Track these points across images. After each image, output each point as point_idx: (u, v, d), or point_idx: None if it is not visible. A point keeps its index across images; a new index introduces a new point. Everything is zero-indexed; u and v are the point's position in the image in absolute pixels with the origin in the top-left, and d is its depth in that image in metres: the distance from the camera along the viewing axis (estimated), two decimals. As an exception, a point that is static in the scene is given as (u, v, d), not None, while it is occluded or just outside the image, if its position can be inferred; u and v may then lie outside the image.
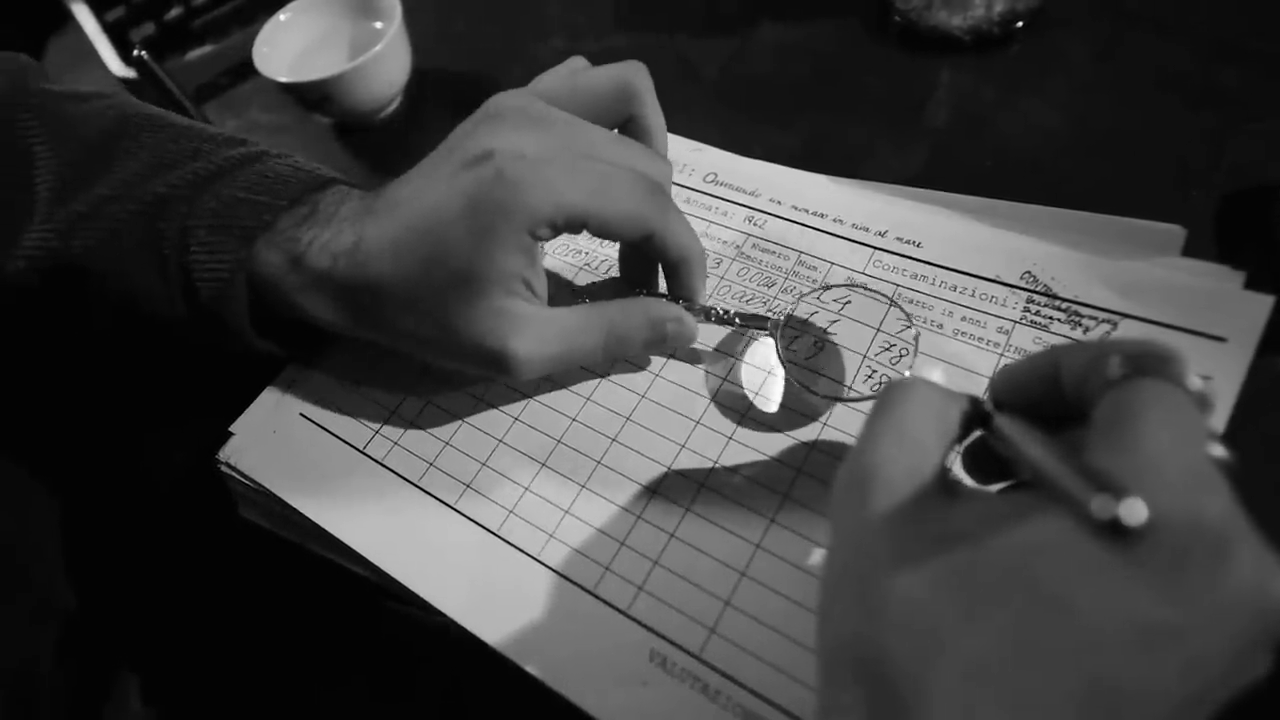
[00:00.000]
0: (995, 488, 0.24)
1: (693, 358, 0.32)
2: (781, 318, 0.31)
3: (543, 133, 0.27)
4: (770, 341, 0.31)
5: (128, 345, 0.36)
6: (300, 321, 0.30)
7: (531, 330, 0.27)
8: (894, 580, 0.17)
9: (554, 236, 0.27)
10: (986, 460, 0.23)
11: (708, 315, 0.31)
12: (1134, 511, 0.15)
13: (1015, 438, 0.20)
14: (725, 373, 0.31)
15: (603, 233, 0.27)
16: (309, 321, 0.30)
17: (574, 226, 0.27)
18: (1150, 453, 0.16)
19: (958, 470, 0.25)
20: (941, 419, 0.21)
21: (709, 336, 0.32)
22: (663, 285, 0.32)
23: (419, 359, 0.31)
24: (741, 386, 0.31)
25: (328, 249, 0.28)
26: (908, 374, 0.30)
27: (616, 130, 0.31)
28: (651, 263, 0.32)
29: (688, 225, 0.29)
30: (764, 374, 0.31)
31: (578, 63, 0.31)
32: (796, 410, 0.30)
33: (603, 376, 0.32)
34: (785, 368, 0.30)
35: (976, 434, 0.23)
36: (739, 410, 0.30)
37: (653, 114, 0.31)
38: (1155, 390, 0.18)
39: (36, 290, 0.30)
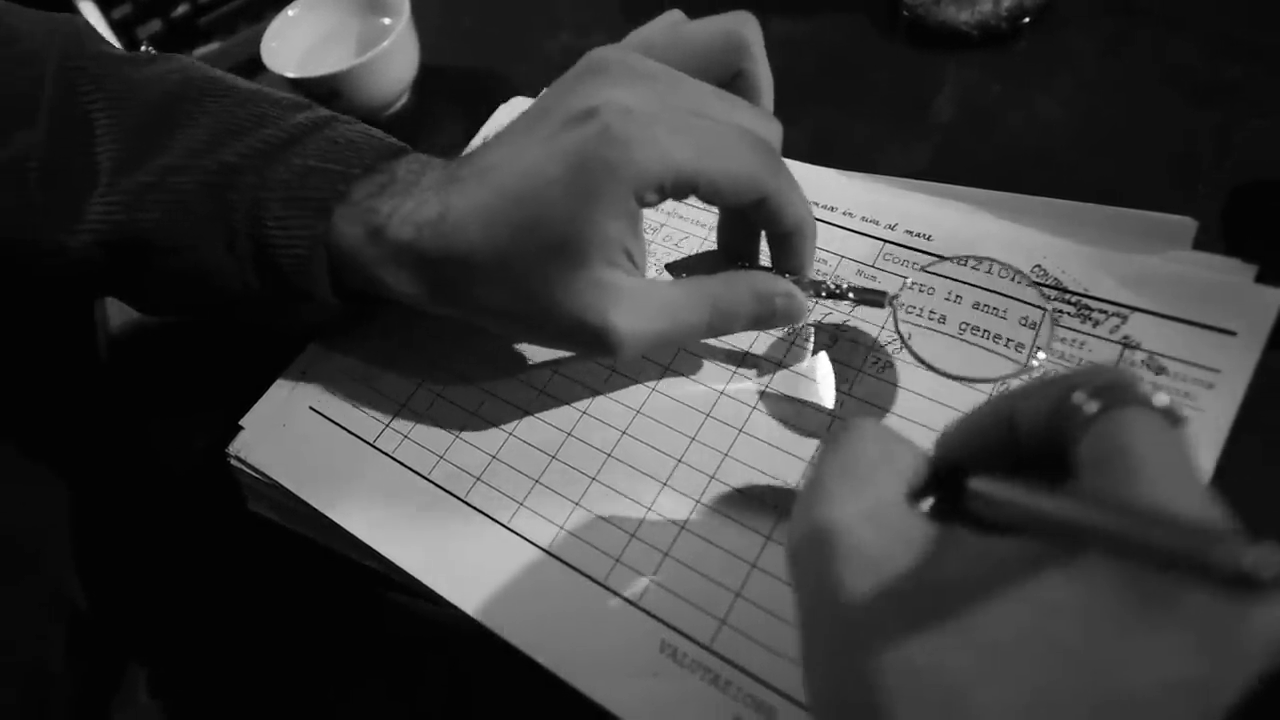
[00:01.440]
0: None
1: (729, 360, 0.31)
2: (900, 292, 0.29)
3: (649, 88, 0.25)
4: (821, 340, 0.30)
5: (146, 330, 0.35)
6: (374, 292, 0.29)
7: (634, 304, 0.25)
8: (889, 651, 0.16)
9: (660, 201, 0.25)
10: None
11: (817, 290, 0.28)
12: (1269, 563, 0.13)
13: (1016, 497, 0.18)
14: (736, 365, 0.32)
15: (713, 196, 0.25)
16: (386, 295, 0.28)
17: (683, 189, 0.24)
18: (1157, 489, 0.16)
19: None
20: (893, 458, 0.20)
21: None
22: (764, 258, 0.30)
23: (505, 337, 0.29)
24: (814, 380, 0.30)
25: (410, 220, 0.26)
26: (1039, 358, 0.28)
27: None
28: (753, 232, 0.30)
29: (800, 190, 0.27)
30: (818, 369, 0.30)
31: (676, 15, 0.29)
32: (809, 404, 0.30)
33: (611, 370, 0.32)
34: (906, 346, 0.29)
35: (934, 499, 0.21)
36: (748, 404, 0.31)
37: (762, 69, 0.29)
38: (1138, 420, 0.17)
39: (102, 264, 0.29)
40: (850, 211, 0.35)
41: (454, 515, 0.30)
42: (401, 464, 0.32)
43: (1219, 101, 0.36)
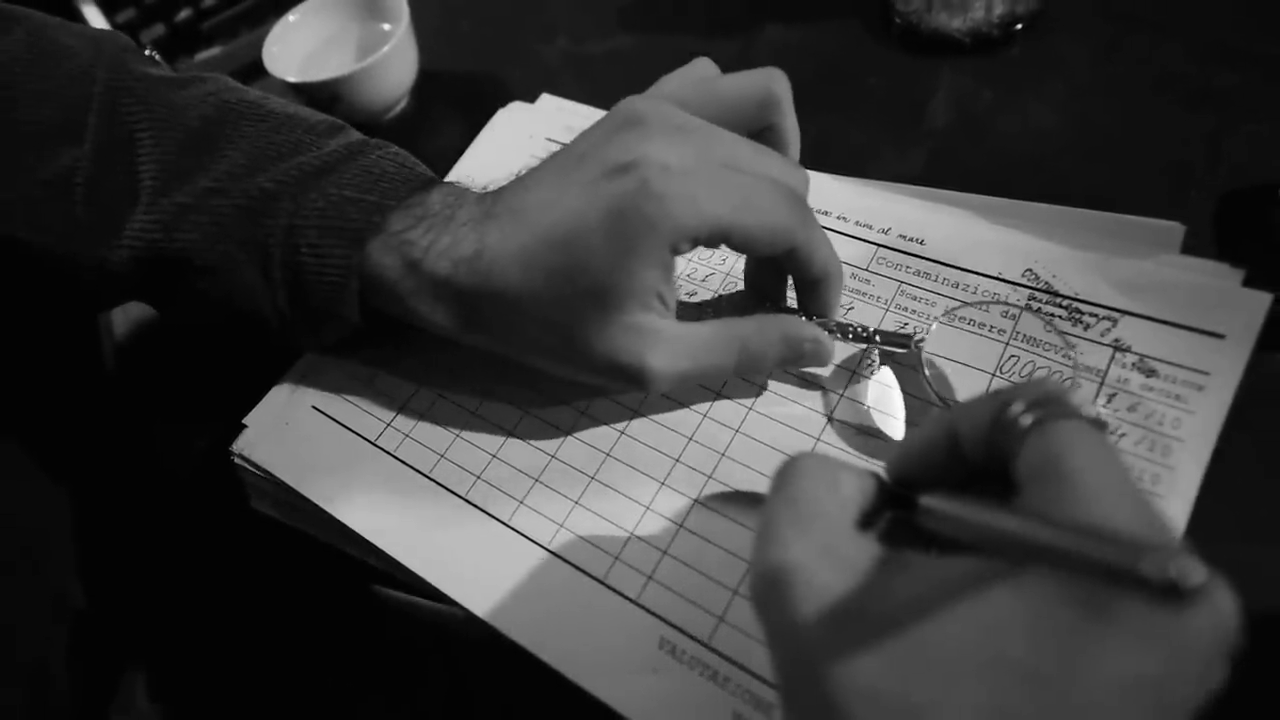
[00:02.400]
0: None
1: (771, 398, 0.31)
2: (925, 337, 0.30)
3: (684, 142, 0.26)
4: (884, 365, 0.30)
5: (149, 333, 0.36)
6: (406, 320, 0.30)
7: (666, 345, 0.27)
8: (846, 674, 0.16)
9: (693, 249, 0.26)
10: (901, 542, 0.22)
11: (844, 333, 0.30)
12: (1193, 571, 0.14)
13: (964, 514, 0.19)
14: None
15: (745, 247, 0.26)
16: (419, 324, 0.29)
17: (716, 240, 0.26)
18: (1093, 499, 0.16)
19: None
20: (836, 488, 0.20)
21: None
22: (790, 299, 0.31)
23: (534, 366, 0.30)
24: (859, 415, 0.30)
25: (447, 255, 0.27)
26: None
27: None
28: (782, 276, 0.31)
29: (827, 239, 0.28)
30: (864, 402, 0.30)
31: (706, 66, 0.30)
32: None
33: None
34: (929, 391, 0.29)
35: (887, 517, 0.22)
36: (745, 404, 0.31)
37: (790, 123, 0.30)
38: (1073, 431, 0.18)
39: (138, 280, 0.30)
40: (844, 216, 0.35)
41: (455, 513, 0.30)
42: (403, 462, 0.32)
43: (1210, 107, 0.36)
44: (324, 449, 0.33)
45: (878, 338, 0.30)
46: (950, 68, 0.41)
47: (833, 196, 0.36)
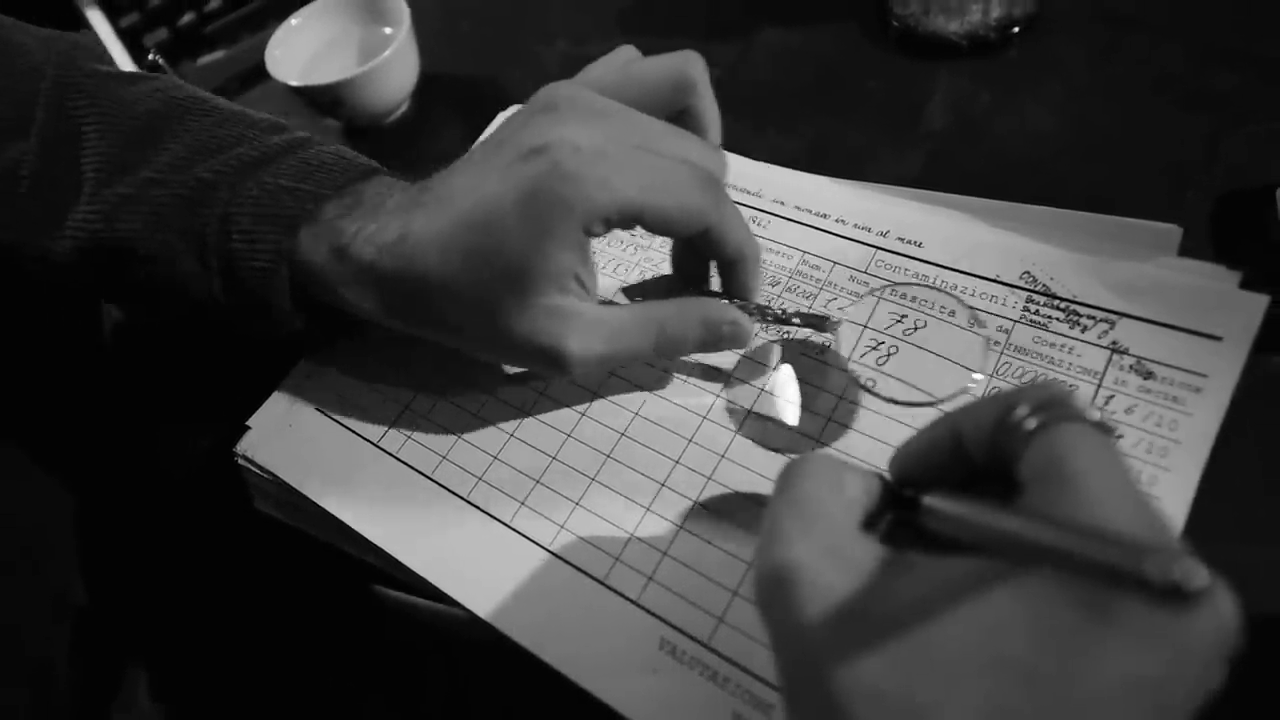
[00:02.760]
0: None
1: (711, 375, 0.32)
2: (841, 319, 0.31)
3: (598, 124, 0.26)
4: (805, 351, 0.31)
5: (152, 333, 0.36)
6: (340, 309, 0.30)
7: (584, 328, 0.27)
8: (850, 674, 0.16)
9: (607, 231, 0.26)
10: (904, 542, 0.22)
11: (764, 315, 0.30)
12: (1196, 574, 0.14)
13: (966, 514, 0.19)
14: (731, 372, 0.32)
15: (658, 228, 0.27)
16: (349, 311, 0.30)
17: (629, 221, 0.26)
18: (1096, 502, 0.17)
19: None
20: (840, 489, 0.21)
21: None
22: (716, 283, 0.31)
23: (463, 353, 0.30)
24: (774, 397, 0.31)
25: (373, 241, 0.28)
26: (975, 381, 0.29)
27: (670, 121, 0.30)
28: (704, 259, 0.32)
29: (743, 221, 0.28)
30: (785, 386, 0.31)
31: (629, 52, 0.30)
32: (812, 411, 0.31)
33: (611, 372, 0.33)
34: (850, 369, 0.30)
35: (890, 517, 0.22)
36: (744, 407, 0.31)
37: (708, 105, 0.30)
38: (1075, 435, 0.18)
39: (81, 270, 0.31)
40: (843, 219, 0.35)
41: (456, 514, 0.31)
42: (405, 464, 0.32)
43: (1207, 109, 0.36)
44: (327, 451, 0.33)
45: (796, 319, 0.30)
46: (947, 70, 0.41)
47: (832, 200, 0.36)
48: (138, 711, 0.34)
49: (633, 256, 0.37)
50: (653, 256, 0.36)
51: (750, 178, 0.38)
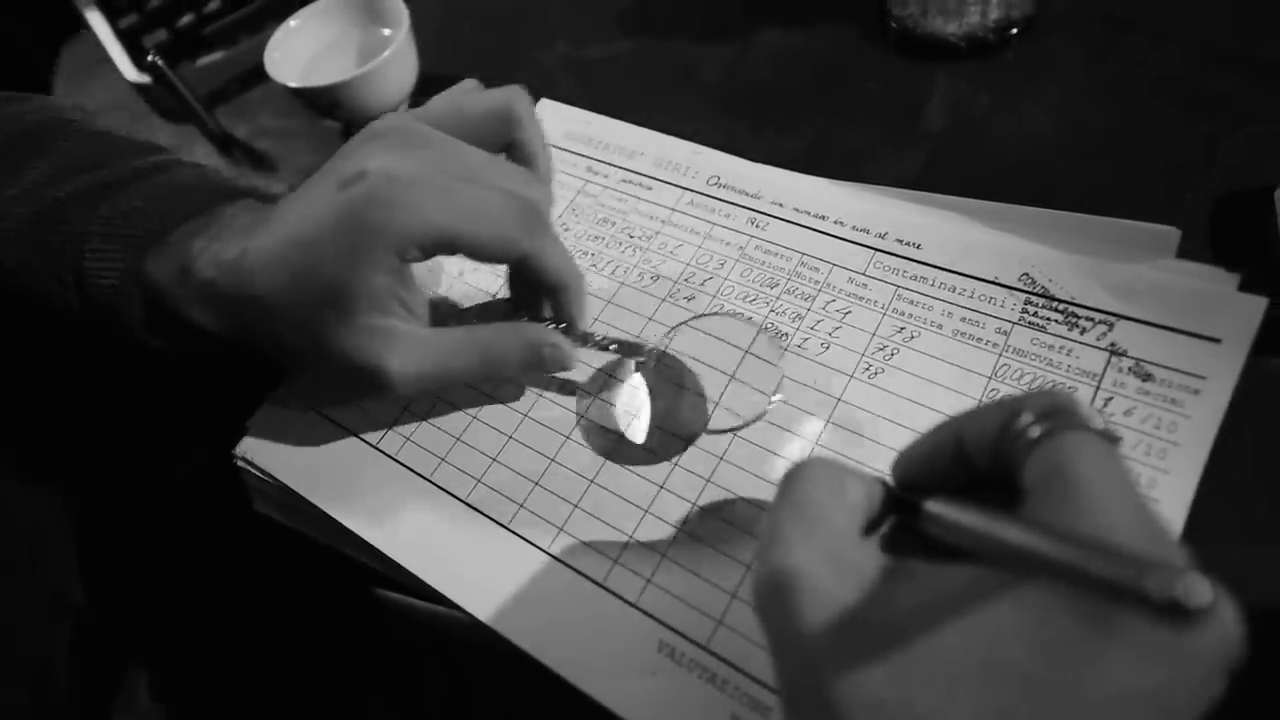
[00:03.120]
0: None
1: (566, 387, 0.33)
2: (658, 348, 0.32)
3: (417, 154, 0.28)
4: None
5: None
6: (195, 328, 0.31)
7: (403, 348, 0.28)
8: (850, 683, 0.16)
9: (425, 258, 0.28)
10: (905, 546, 0.22)
11: (585, 341, 0.32)
12: (1198, 591, 0.14)
13: (968, 521, 0.19)
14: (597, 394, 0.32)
15: (473, 254, 0.28)
16: (194, 329, 0.30)
17: (443, 248, 0.27)
18: (1099, 512, 0.16)
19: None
20: (843, 494, 0.20)
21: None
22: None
23: (296, 369, 0.32)
24: (614, 415, 0.32)
25: (214, 260, 0.28)
26: (772, 401, 0.31)
27: (503, 155, 0.32)
28: (536, 287, 0.32)
29: (564, 251, 0.30)
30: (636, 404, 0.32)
31: (469, 84, 0.32)
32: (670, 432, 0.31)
33: (609, 375, 0.33)
34: (652, 399, 0.31)
35: (891, 520, 0.22)
36: (741, 414, 0.31)
37: (534, 138, 0.31)
38: (1080, 444, 0.18)
39: None
40: (841, 220, 0.35)
41: (455, 516, 0.31)
42: (404, 465, 0.32)
43: (1205, 111, 0.36)
44: (325, 453, 0.33)
45: (614, 347, 0.32)
46: (946, 72, 0.41)
47: (830, 201, 0.36)
48: (138, 711, 0.34)
49: (631, 258, 0.37)
50: (651, 259, 0.36)
51: (748, 179, 0.38)
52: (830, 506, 0.20)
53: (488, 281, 0.37)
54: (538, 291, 0.32)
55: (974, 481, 0.21)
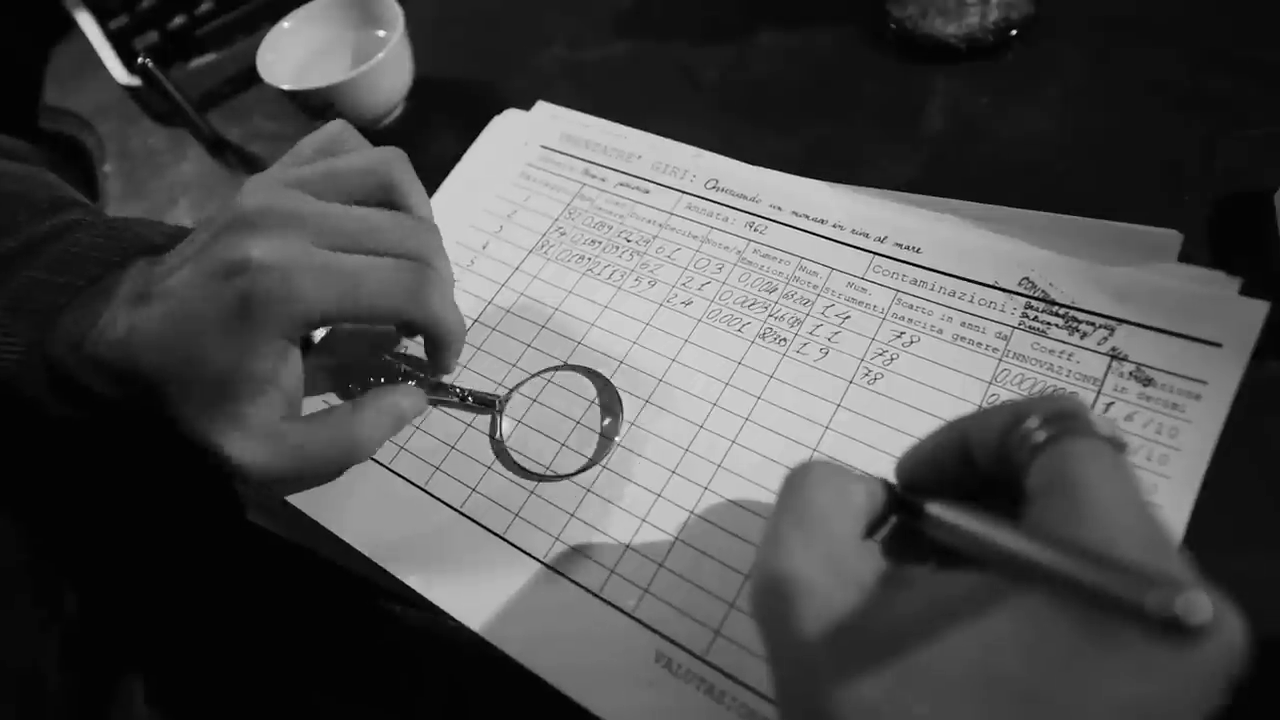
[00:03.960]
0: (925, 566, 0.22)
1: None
2: (506, 398, 0.33)
3: (293, 234, 0.27)
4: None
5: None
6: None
7: (267, 446, 0.28)
8: (846, 690, 0.16)
9: (310, 333, 0.27)
10: (907, 548, 0.23)
11: (444, 392, 0.33)
12: (1199, 608, 0.13)
13: (969, 526, 0.18)
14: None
15: (362, 323, 0.28)
16: (100, 399, 0.30)
17: (329, 324, 0.28)
18: (1103, 520, 0.16)
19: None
20: (845, 498, 0.20)
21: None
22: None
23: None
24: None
25: (104, 338, 0.28)
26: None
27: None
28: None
29: (450, 306, 0.29)
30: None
31: (338, 130, 0.31)
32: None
33: (607, 380, 0.33)
34: (503, 449, 0.32)
35: (893, 521, 0.22)
36: (740, 415, 0.31)
37: (415, 201, 0.31)
38: (1086, 449, 0.18)
39: None
40: (840, 224, 0.35)
41: (450, 526, 0.30)
42: (398, 474, 0.32)
43: (1204, 113, 0.36)
44: (318, 461, 0.33)
45: (470, 399, 0.33)
46: (945, 74, 0.41)
47: (829, 205, 0.36)
48: (134, 719, 0.34)
49: (628, 263, 0.36)
50: (648, 263, 0.36)
51: (747, 183, 0.38)
52: (831, 511, 0.20)
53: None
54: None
55: (979, 485, 0.21)
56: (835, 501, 0.20)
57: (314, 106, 0.46)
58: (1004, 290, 0.31)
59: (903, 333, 0.31)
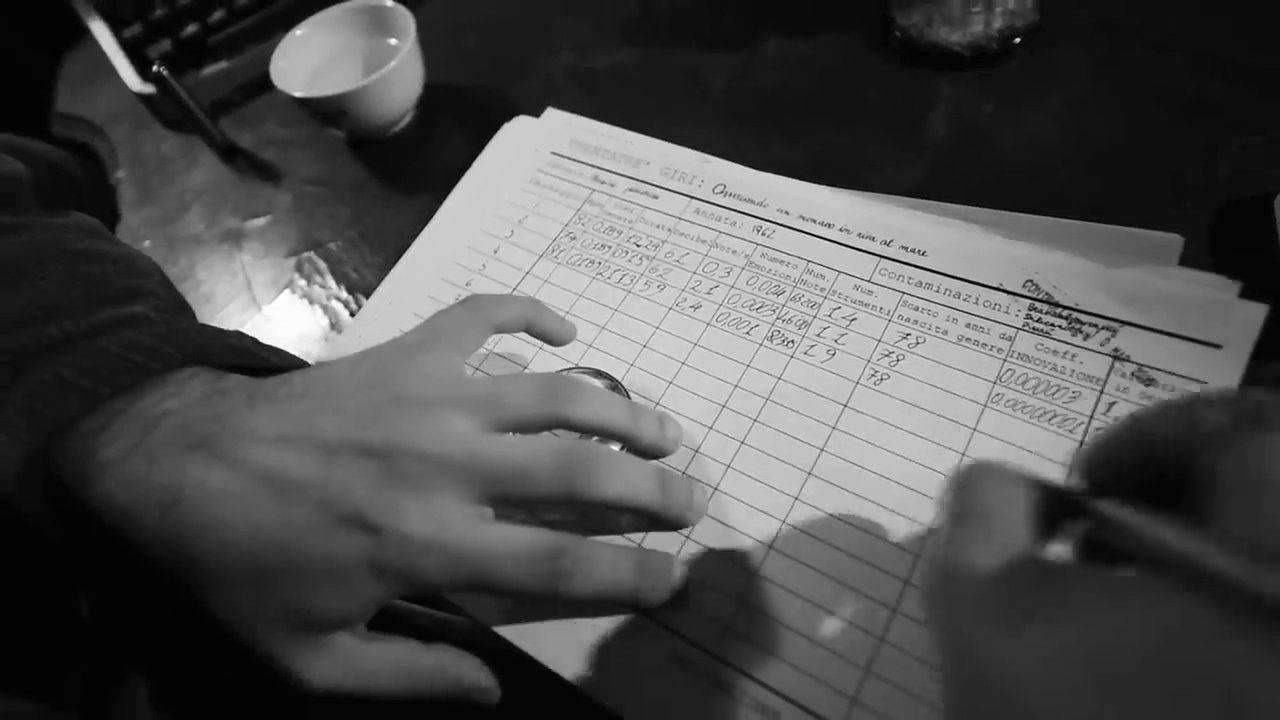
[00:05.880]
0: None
1: None
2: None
3: (436, 501, 0.24)
4: None
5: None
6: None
7: (332, 660, 0.25)
8: (1027, 695, 0.15)
9: None
10: (1083, 550, 0.21)
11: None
12: None
13: (1154, 532, 0.17)
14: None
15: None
16: (105, 530, 0.25)
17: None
18: None
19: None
20: (1017, 497, 0.20)
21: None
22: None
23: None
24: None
25: (130, 485, 0.24)
26: None
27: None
28: None
29: (622, 468, 0.26)
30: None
31: (534, 315, 0.30)
32: None
33: (618, 380, 0.33)
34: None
35: (1067, 524, 0.21)
36: (749, 416, 0.31)
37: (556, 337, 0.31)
38: None
39: None
40: (847, 228, 0.36)
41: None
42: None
43: (1206, 119, 0.37)
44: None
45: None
46: (949, 81, 0.42)
47: (835, 209, 0.36)
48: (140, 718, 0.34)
49: (638, 267, 0.37)
50: (658, 267, 0.37)
51: (754, 188, 0.38)
52: (1011, 512, 0.20)
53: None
54: None
55: (1158, 483, 0.20)
56: (1013, 502, 0.20)
57: (325, 113, 0.46)
58: (1008, 292, 0.32)
59: (908, 334, 0.32)
